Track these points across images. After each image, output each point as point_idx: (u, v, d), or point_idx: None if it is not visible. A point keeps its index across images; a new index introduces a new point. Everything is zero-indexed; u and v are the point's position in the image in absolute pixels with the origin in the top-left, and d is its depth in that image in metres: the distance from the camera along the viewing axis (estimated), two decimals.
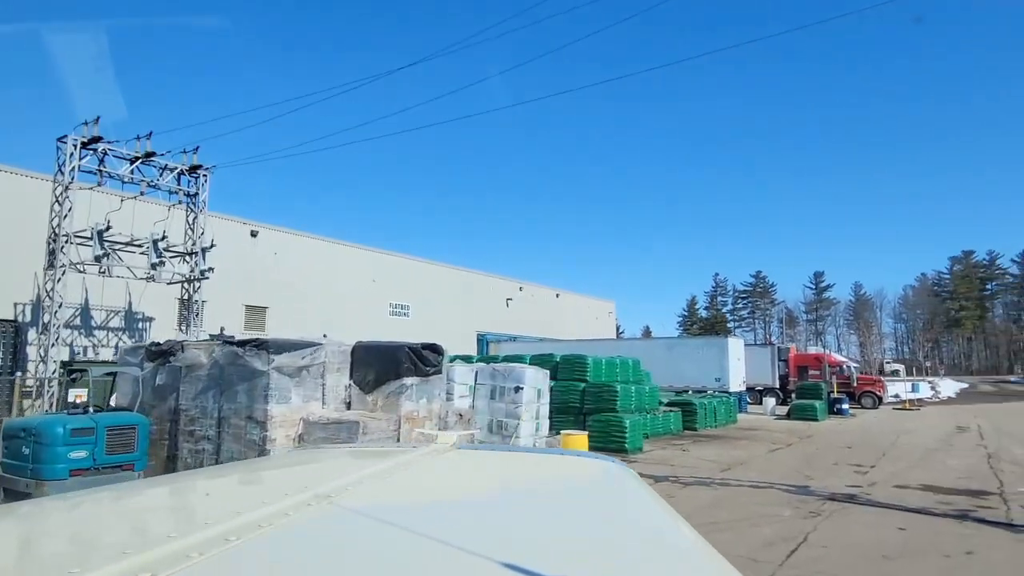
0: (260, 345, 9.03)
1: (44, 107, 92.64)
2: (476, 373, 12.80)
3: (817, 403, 26.07)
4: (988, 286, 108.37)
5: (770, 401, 28.84)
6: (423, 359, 9.80)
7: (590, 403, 18.31)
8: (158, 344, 11.13)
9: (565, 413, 18.62)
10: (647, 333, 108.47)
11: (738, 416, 26.36)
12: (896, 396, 39.69)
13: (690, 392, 28.06)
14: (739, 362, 30.51)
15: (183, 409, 9.89)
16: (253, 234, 28.37)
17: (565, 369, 19.59)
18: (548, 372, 13.45)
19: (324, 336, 11.66)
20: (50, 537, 1.28)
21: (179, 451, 9.91)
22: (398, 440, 9.42)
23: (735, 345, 30.36)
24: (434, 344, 10.16)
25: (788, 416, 26.39)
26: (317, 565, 1.08)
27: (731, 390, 29.18)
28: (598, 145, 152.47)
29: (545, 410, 12.97)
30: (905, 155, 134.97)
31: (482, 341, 41.10)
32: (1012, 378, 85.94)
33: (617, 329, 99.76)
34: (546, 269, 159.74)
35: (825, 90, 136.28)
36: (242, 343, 9.28)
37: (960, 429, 22.26)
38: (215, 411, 9.49)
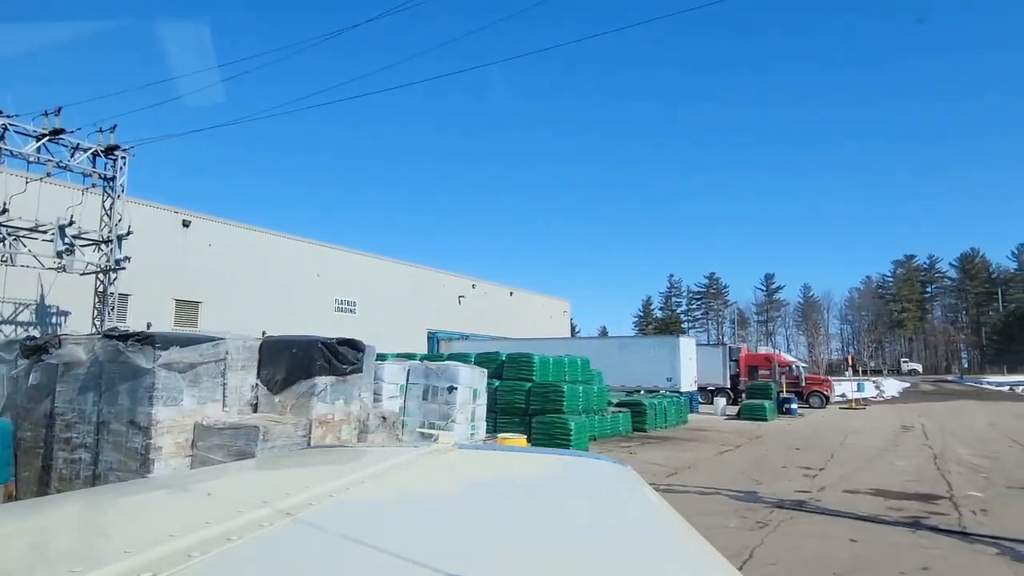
0: (145, 339, 7.85)
1: None
2: (408, 372, 11.80)
3: (766, 403, 25.94)
4: (928, 289, 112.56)
5: (721, 401, 28.65)
6: (339, 356, 8.76)
7: (536, 404, 17.53)
8: (33, 338, 9.78)
9: (510, 414, 17.82)
10: (604, 333, 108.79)
11: (689, 416, 26.01)
12: (843, 395, 40.27)
13: (642, 392, 27.63)
14: (691, 362, 30.27)
15: (59, 413, 8.60)
16: (185, 224, 26.60)
17: (511, 368, 18.75)
18: (485, 371, 12.54)
19: (263, 333, 10.50)
20: (51, 536, 1.25)
21: (54, 461, 8.63)
22: (308, 445, 8.41)
23: (687, 345, 30.10)
24: (353, 340, 9.12)
25: (738, 416, 26.19)
26: (318, 564, 1.06)
27: (682, 390, 28.87)
28: (553, 144, 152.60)
29: (482, 411, 12.06)
30: (853, 159, 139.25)
31: (433, 339, 39.99)
32: (950, 377, 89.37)
33: (573, 329, 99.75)
34: (501, 268, 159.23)
35: (778, 93, 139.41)
36: (125, 336, 8.07)
37: (905, 428, 22.35)
38: (94, 415, 8.25)
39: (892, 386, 56.20)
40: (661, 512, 1.70)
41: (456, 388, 11.22)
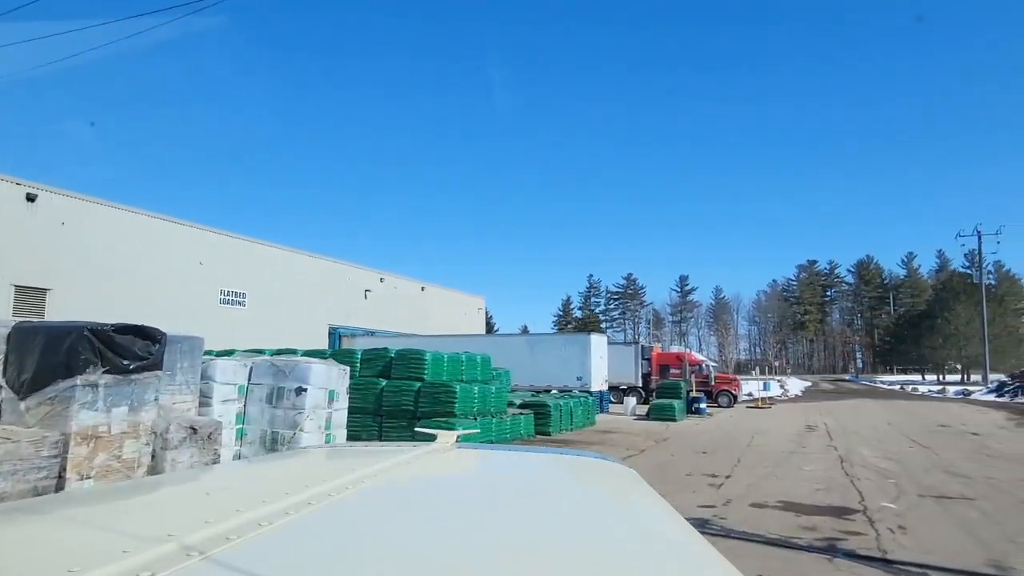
0: None
1: None
2: (251, 371, 9.63)
3: (676, 403, 25.18)
4: (828, 293, 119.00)
5: (631, 401, 27.74)
6: (118, 348, 6.56)
7: (425, 406, 15.65)
8: None
9: (397, 417, 15.87)
10: (525, 332, 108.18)
11: (598, 417, 24.90)
12: (750, 394, 40.75)
13: (555, 391, 26.36)
14: (602, 360, 29.24)
15: None
16: (30, 198, 22.86)
17: (400, 366, 16.78)
18: (347, 369, 10.51)
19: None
20: (49, 536, 1.22)
21: None
22: (62, 471, 6.19)
23: (598, 342, 29.03)
24: (142, 326, 6.92)
25: (648, 416, 25.33)
26: (317, 564, 1.05)
27: (592, 389, 27.77)
28: (474, 142, 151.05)
29: (341, 417, 10.04)
30: (766, 166, 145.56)
31: (335, 335, 37.23)
32: (846, 376, 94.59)
33: (492, 326, 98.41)
34: (417, 267, 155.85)
35: (695, 96, 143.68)
36: None
37: (810, 428, 22.05)
38: None
39: (795, 385, 58.10)
40: (661, 512, 1.70)
41: (306, 389, 9.17)
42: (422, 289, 46.92)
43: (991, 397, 39.81)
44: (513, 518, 1.51)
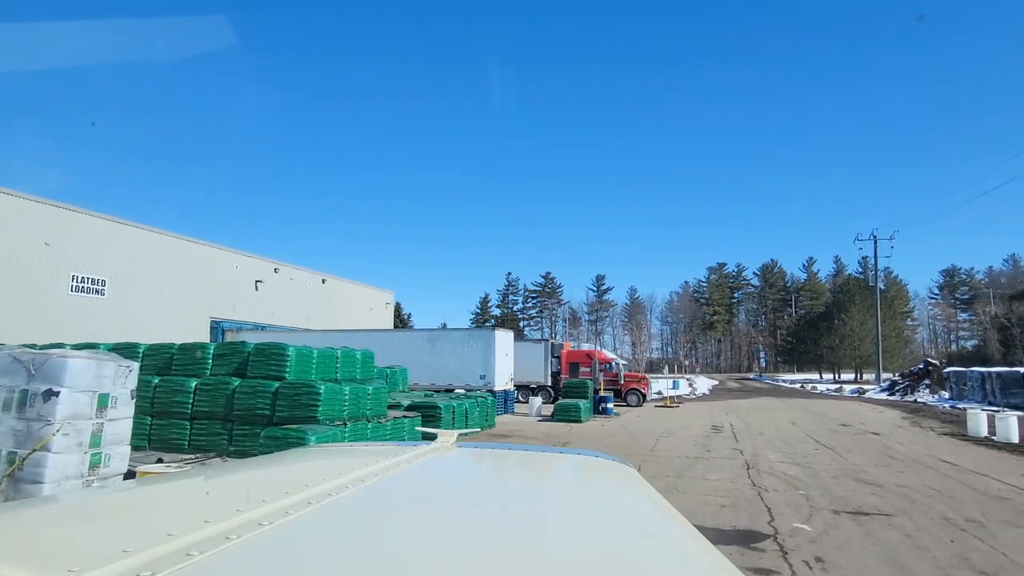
0: None
1: None
2: None
3: (582, 403, 23.73)
4: (736, 294, 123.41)
5: (536, 400, 26.13)
6: None
7: (283, 409, 13.20)
8: None
9: (251, 423, 13.34)
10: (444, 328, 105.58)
11: (500, 419, 23.14)
12: (659, 393, 40.37)
13: (461, 391, 24.39)
14: (507, 358, 27.52)
15: None
16: None
17: (258, 363, 14.22)
18: (134, 365, 7.98)
19: None
20: (49, 535, 1.22)
21: None
22: None
23: (503, 339, 27.26)
24: None
25: (553, 416, 23.80)
26: (317, 563, 1.03)
27: (496, 388, 26.00)
28: (391, 141, 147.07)
29: (120, 430, 7.53)
30: (680, 165, 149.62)
31: (217, 329, 33.64)
32: (751, 375, 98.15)
33: (407, 323, 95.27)
34: (327, 263, 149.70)
35: (617, 100, 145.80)
36: None
37: (715, 429, 21.13)
38: None
39: (704, 384, 58.89)
40: (662, 511, 1.71)
41: (58, 393, 6.67)
42: (323, 281, 43.67)
43: (883, 396, 41.24)
44: (513, 517, 1.52)
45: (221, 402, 13.70)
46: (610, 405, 26.15)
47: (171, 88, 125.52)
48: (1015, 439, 17.71)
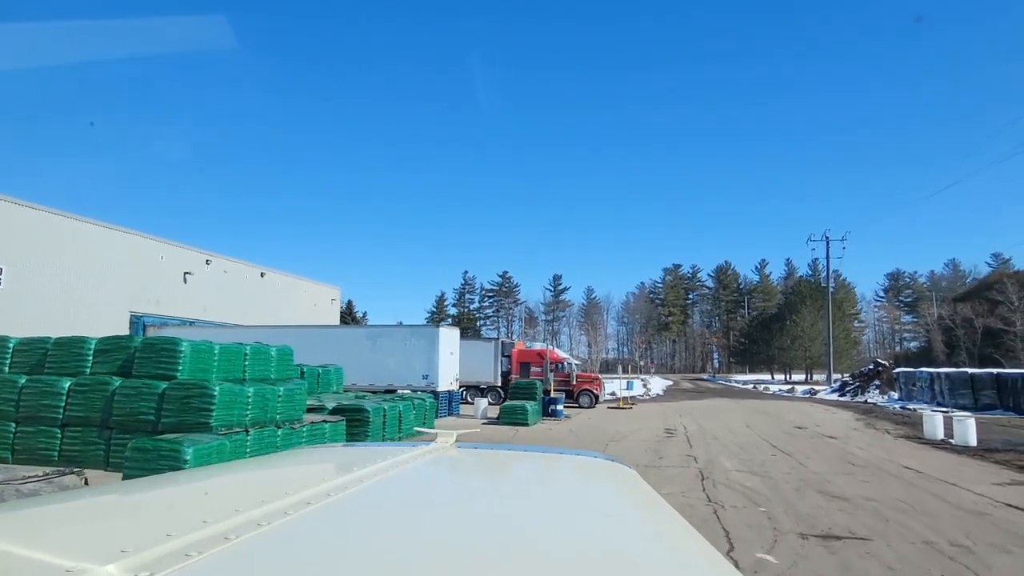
0: None
1: None
2: None
3: (529, 404, 22.28)
4: (690, 296, 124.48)
5: (482, 402, 24.57)
6: None
7: (170, 414, 11.33)
8: None
9: (132, 431, 11.41)
10: (463, 336, 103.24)
11: (441, 421, 21.53)
12: (613, 393, 39.36)
13: (405, 392, 22.69)
14: (452, 357, 25.90)
15: None
16: None
17: (145, 360, 12.25)
18: None
19: None
20: (47, 535, 1.21)
21: None
22: None
23: (448, 336, 25.61)
24: None
25: (499, 419, 22.30)
26: (317, 564, 1.03)
27: (440, 389, 24.35)
28: (353, 140, 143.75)
29: None
30: (639, 165, 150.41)
31: (138, 324, 30.96)
32: (704, 376, 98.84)
33: (357, 320, 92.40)
34: (281, 261, 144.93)
35: (571, 98, 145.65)
36: None
37: (669, 433, 19.98)
38: None
39: (658, 384, 58.42)
40: (662, 512, 1.70)
41: None
42: (262, 275, 41.16)
43: (835, 396, 41.19)
44: (513, 518, 1.52)
45: (99, 406, 11.75)
46: (560, 407, 24.77)
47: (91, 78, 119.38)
48: (973, 442, 17.07)
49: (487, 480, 2.10)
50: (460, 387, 32.77)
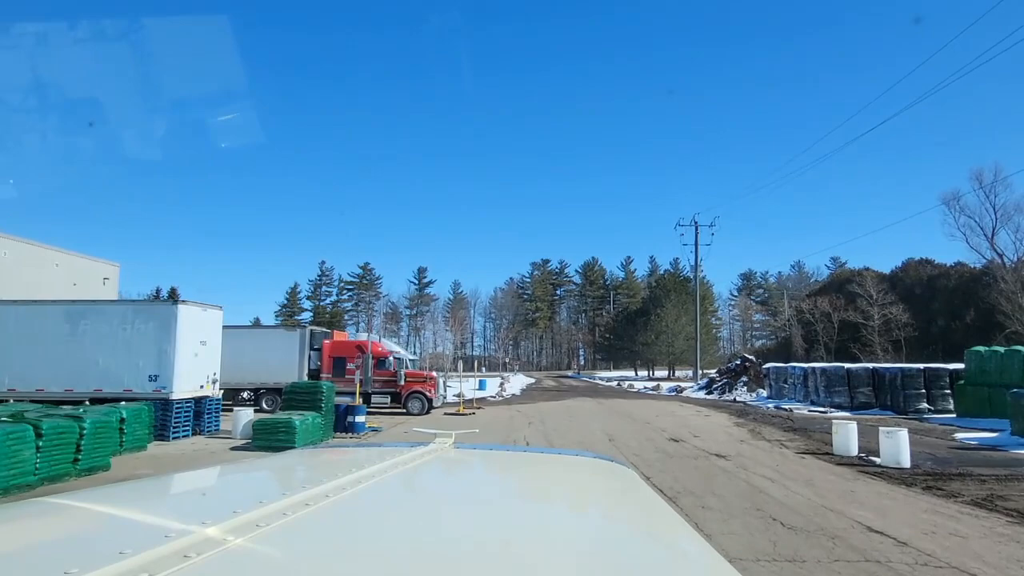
0: None
1: None
2: None
3: (300, 418, 14.92)
4: (558, 291, 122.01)
5: (243, 414, 16.86)
6: None
7: None
8: None
9: None
10: (257, 325, 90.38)
11: (159, 446, 13.80)
12: (459, 395, 33.00)
13: (136, 396, 14.52)
14: (207, 348, 17.89)
15: None
16: None
17: None
18: None
19: None
20: (47, 536, 1.22)
21: None
22: None
23: (196, 319, 17.45)
24: None
25: (253, 441, 14.90)
26: (316, 565, 1.04)
27: (177, 395, 16.36)
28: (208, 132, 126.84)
29: None
30: (506, 166, 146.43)
31: None
32: (569, 373, 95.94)
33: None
34: (117, 251, 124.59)
35: (455, 93, 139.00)
36: None
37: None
38: None
39: (518, 383, 53.14)
40: (661, 512, 1.69)
41: None
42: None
43: (702, 394, 37.65)
44: (511, 518, 1.51)
45: None
46: (360, 418, 17.57)
47: None
48: (907, 463, 12.33)
49: (486, 481, 2.09)
50: (248, 391, 24.78)
